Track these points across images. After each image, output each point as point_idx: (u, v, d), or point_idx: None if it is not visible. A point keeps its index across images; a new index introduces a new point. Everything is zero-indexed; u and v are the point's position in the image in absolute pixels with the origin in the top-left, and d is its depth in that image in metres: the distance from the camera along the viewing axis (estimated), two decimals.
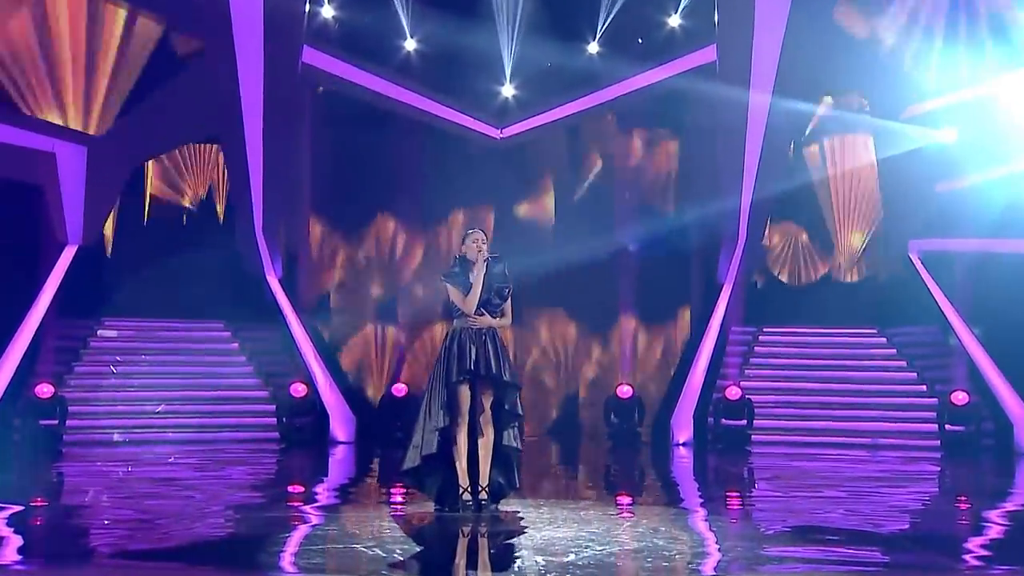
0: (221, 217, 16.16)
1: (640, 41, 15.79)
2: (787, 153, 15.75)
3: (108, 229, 15.41)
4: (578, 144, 16.58)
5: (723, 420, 13.56)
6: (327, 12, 15.75)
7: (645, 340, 15.91)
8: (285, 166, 15.05)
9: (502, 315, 7.32)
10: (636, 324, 15.92)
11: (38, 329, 13.12)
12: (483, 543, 6.44)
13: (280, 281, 14.89)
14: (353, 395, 14.69)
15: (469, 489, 7.17)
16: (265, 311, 14.80)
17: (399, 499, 8.36)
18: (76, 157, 14.08)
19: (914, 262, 14.68)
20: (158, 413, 13.42)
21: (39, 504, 8.14)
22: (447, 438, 7.19)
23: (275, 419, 13.57)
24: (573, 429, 15.95)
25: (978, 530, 7.25)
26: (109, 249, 15.88)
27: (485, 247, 7.31)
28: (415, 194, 16.18)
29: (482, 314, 7.25)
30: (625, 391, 14.27)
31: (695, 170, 15.55)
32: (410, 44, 15.78)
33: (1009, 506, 8.61)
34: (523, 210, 16.45)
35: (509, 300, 7.33)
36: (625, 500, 8.76)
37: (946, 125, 14.48)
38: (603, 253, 16.09)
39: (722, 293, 14.77)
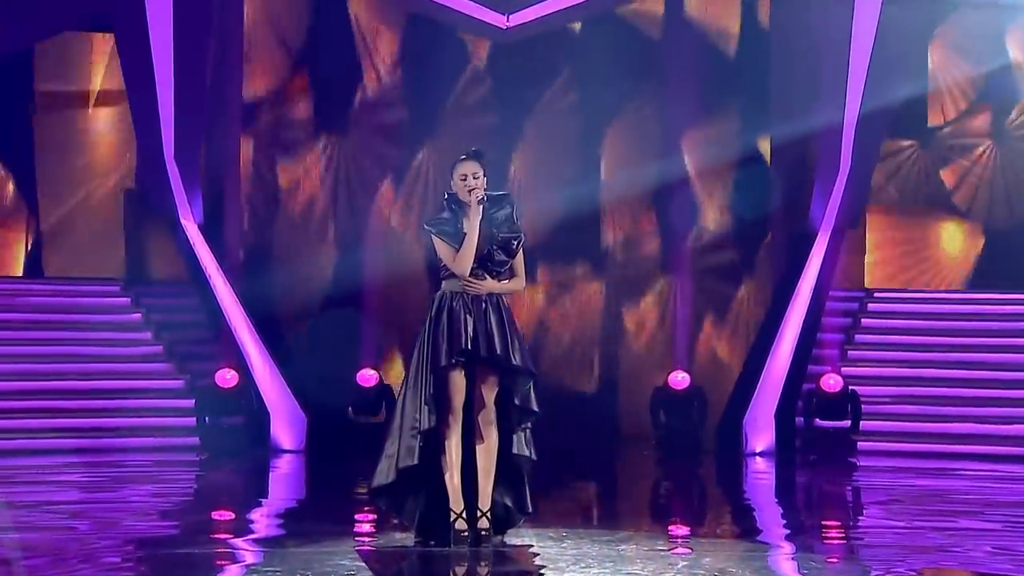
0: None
1: None
2: (915, 44, 15.67)
3: None
4: (614, 39, 16.41)
5: (817, 420, 13.58)
6: None
7: (707, 309, 15.92)
8: (206, 64, 14.96)
9: (511, 276, 7.36)
10: (694, 287, 15.82)
11: None
12: None
13: (201, 227, 14.84)
14: (304, 386, 14.66)
15: (464, 515, 7.18)
16: (179, 269, 14.78)
17: (367, 529, 8.41)
18: None
19: None
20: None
21: None
22: (434, 445, 7.21)
23: (194, 418, 13.52)
24: (607, 432, 15.93)
25: None
26: None
27: (480, 183, 7.29)
28: (392, 98, 16.06)
29: (482, 277, 7.28)
30: (680, 380, 14.28)
31: (779, 70, 15.48)
32: None
33: None
34: (536, 129, 16.34)
35: (520, 255, 7.36)
36: (680, 531, 8.81)
37: None
38: (647, 188, 15.97)
39: (816, 243, 14.73)
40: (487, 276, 7.29)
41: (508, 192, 7.48)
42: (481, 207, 7.25)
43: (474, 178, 7.29)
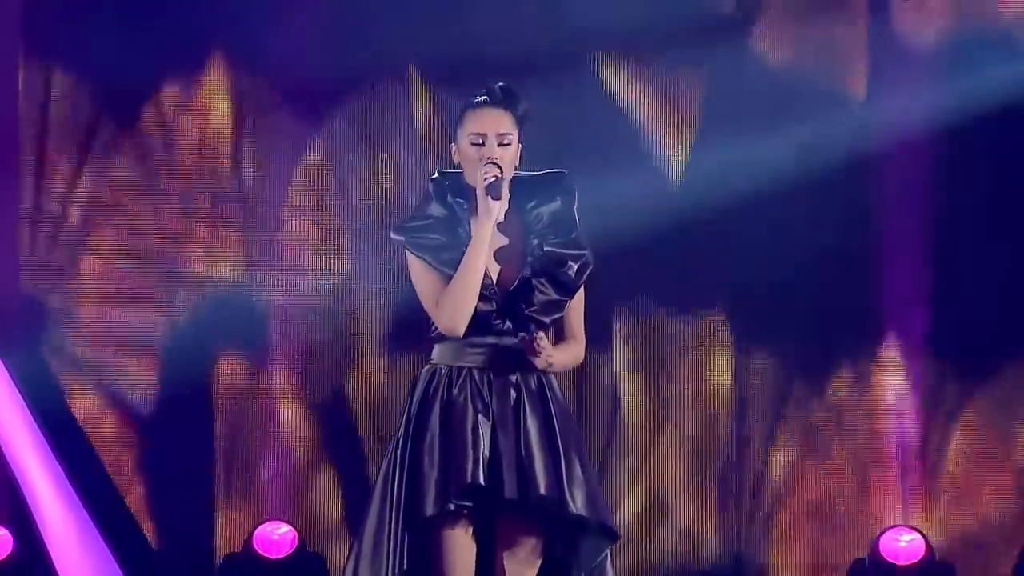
0: None
1: None
2: None
3: None
4: None
5: None
6: None
7: (953, 402, 16.03)
8: None
9: (570, 342, 7.50)
10: (928, 359, 16.11)
11: None
12: None
13: None
14: (149, 556, 14.88)
15: None
16: None
17: None
18: None
19: None
20: None
21: None
22: None
23: None
24: None
25: None
26: None
27: (509, 156, 7.60)
28: None
29: (535, 335, 7.16)
30: (905, 546, 14.52)
31: None
32: None
33: None
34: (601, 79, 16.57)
35: (581, 295, 7.55)
36: None
37: None
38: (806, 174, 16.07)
39: None
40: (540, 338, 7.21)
41: (564, 171, 7.39)
42: (497, 204, 7.16)
43: (500, 142, 7.20)
